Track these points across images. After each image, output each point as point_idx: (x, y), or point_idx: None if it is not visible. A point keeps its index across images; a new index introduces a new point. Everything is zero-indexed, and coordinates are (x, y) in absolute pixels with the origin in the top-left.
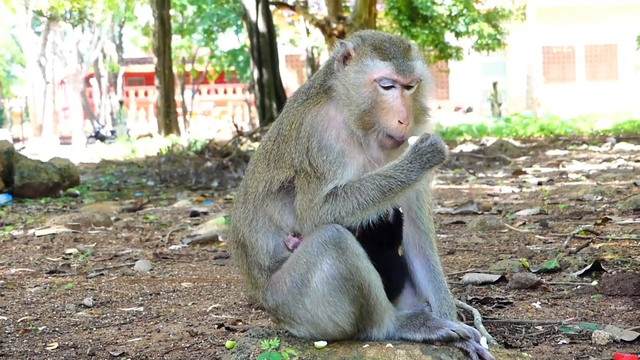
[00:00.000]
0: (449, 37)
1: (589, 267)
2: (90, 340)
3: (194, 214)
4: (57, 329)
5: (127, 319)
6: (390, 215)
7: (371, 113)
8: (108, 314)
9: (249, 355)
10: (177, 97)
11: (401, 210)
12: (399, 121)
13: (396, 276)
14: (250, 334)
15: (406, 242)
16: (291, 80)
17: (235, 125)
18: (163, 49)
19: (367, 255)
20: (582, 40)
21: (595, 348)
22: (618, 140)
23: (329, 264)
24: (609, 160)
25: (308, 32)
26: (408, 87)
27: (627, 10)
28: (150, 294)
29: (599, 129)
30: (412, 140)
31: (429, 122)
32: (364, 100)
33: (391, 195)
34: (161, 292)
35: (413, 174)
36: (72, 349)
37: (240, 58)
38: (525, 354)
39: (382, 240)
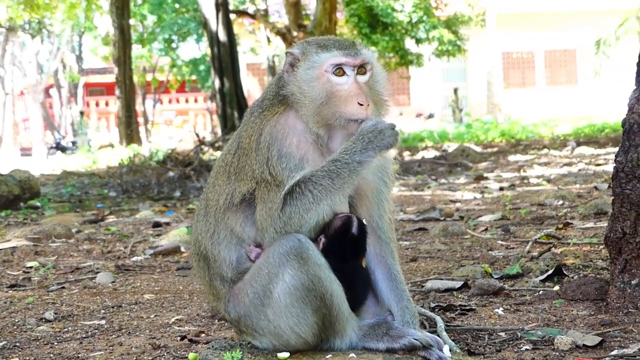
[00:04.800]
0: (409, 43)
1: (550, 272)
2: (52, 355)
3: (156, 224)
4: (17, 344)
5: (89, 333)
6: (354, 227)
7: (329, 105)
8: (69, 328)
9: None
10: (139, 107)
11: (365, 222)
12: (359, 103)
13: (360, 287)
14: (212, 346)
15: (367, 251)
16: (253, 89)
17: (197, 135)
18: (123, 59)
19: (331, 266)
20: (541, 46)
21: (557, 353)
22: (578, 144)
23: (290, 274)
24: (569, 164)
25: (269, 41)
26: (361, 73)
27: (586, 16)
28: (112, 307)
29: (560, 134)
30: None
31: (388, 114)
32: (318, 94)
33: (340, 182)
34: (123, 305)
35: (356, 155)
36: None
37: (202, 67)
38: None
39: (346, 251)
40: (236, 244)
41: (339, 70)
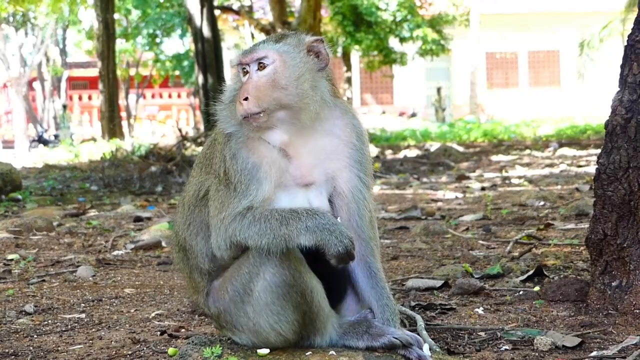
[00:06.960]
0: (393, 42)
1: (531, 272)
2: (31, 348)
3: (138, 219)
4: None
5: (69, 326)
6: None
7: (234, 103)
8: (49, 321)
9: None
10: (122, 101)
11: (339, 219)
12: (243, 99)
13: (337, 283)
14: (192, 341)
15: None
16: None
17: (180, 130)
18: (107, 53)
19: (308, 262)
20: (525, 47)
21: (537, 354)
22: (560, 145)
23: (271, 272)
24: (551, 165)
25: (253, 37)
26: (260, 69)
27: (570, 17)
28: (93, 301)
29: (542, 135)
30: None
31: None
32: (231, 92)
33: (284, 230)
34: (103, 299)
35: (310, 221)
36: (13, 356)
37: (185, 63)
38: None
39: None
40: (210, 236)
41: (244, 69)
